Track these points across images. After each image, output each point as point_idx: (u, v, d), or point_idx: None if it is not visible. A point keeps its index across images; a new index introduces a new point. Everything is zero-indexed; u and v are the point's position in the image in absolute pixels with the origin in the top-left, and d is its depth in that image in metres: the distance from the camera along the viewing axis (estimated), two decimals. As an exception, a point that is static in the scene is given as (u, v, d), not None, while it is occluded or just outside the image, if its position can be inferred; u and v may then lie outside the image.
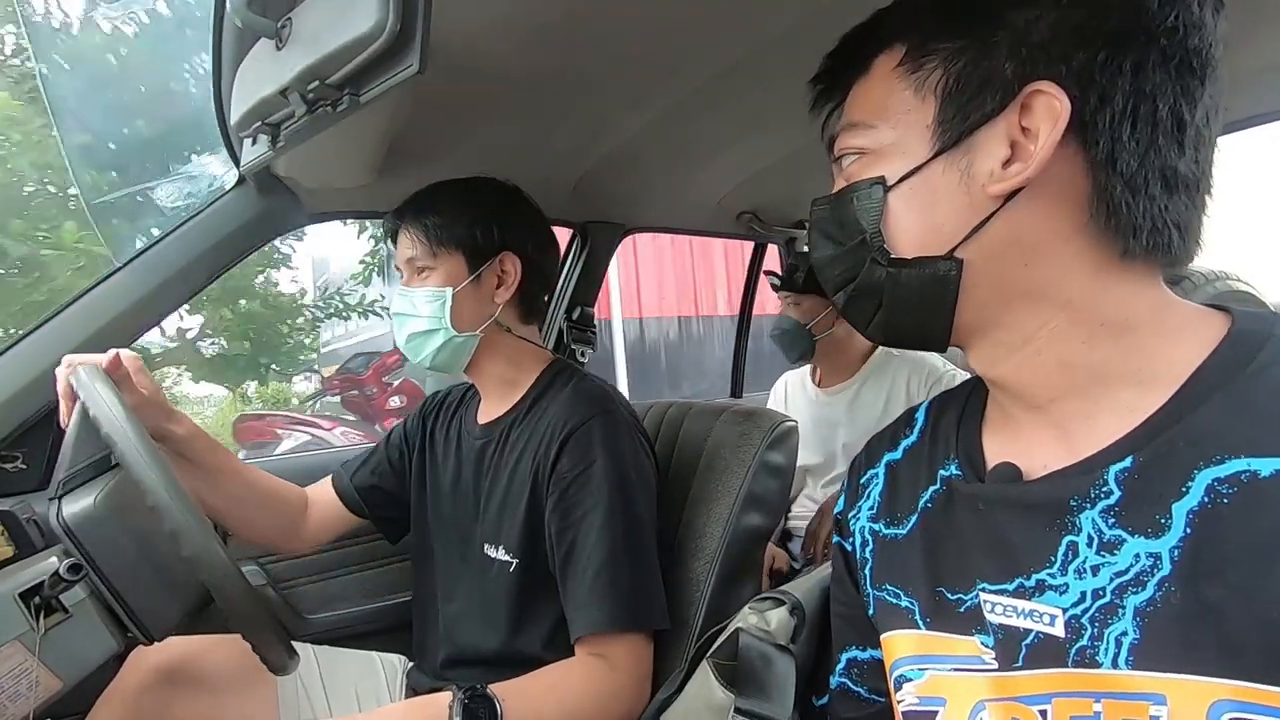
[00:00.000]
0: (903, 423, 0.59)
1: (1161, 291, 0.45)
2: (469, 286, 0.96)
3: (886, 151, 0.46)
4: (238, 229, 1.13)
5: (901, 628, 0.52)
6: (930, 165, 0.44)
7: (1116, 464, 0.42)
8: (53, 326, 1.07)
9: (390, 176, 1.14)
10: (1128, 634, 0.39)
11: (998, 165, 0.42)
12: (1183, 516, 0.39)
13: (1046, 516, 0.44)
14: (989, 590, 0.46)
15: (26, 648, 0.75)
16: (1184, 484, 0.39)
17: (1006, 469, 0.47)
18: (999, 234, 0.43)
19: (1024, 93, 0.41)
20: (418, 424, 1.14)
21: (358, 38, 0.55)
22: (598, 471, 0.88)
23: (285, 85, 0.62)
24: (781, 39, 0.87)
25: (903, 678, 0.51)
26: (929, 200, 0.45)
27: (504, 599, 0.95)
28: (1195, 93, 0.40)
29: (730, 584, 1.01)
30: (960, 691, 0.47)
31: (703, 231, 1.94)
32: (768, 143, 1.32)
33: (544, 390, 1.00)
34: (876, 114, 0.47)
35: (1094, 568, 0.41)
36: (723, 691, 0.65)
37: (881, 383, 1.69)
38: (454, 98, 0.94)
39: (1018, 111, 0.42)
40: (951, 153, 0.43)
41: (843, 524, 0.61)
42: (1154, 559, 0.39)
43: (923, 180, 0.45)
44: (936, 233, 0.44)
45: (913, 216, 0.45)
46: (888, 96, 0.46)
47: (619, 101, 1.05)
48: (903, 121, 0.45)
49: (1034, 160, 0.41)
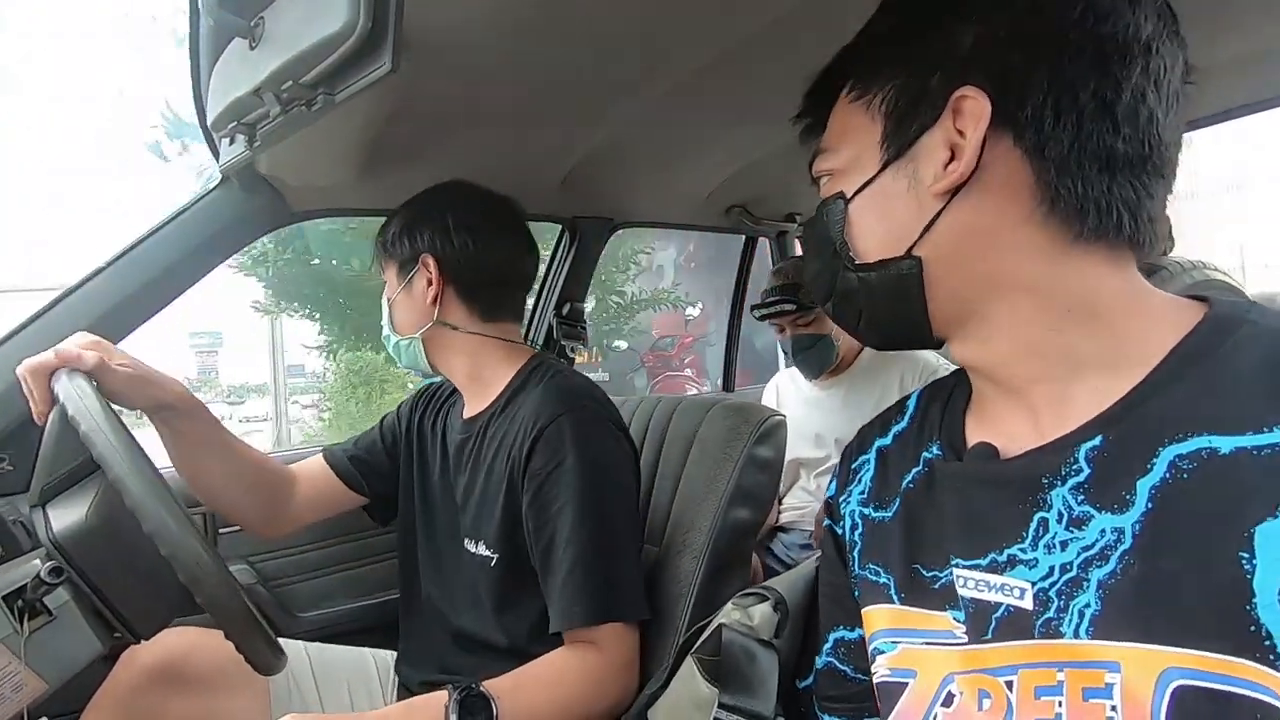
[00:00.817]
0: (895, 410, 0.61)
1: (1133, 278, 0.46)
2: (403, 294, 1.02)
3: (848, 170, 0.51)
4: (222, 228, 1.13)
5: (879, 602, 0.54)
6: (881, 176, 0.49)
7: (1087, 442, 0.43)
8: (36, 328, 1.06)
9: (374, 174, 1.13)
10: (1090, 605, 0.41)
11: (940, 167, 0.46)
12: (1145, 492, 0.40)
13: (1019, 493, 0.45)
14: (962, 566, 0.47)
15: (10, 650, 0.75)
16: (1149, 461, 0.41)
17: (984, 448, 0.49)
18: (950, 229, 0.46)
19: (952, 100, 0.45)
20: (409, 413, 1.14)
21: (329, 36, 0.55)
22: (569, 467, 0.89)
23: (259, 85, 0.62)
24: (768, 31, 0.87)
25: (877, 650, 0.53)
26: (884, 207, 0.49)
27: (487, 593, 0.96)
28: (1118, 74, 0.43)
29: (719, 578, 1.01)
30: (931, 664, 0.49)
31: (692, 226, 1.94)
32: (756, 136, 1.32)
33: (520, 386, 1.00)
34: (837, 139, 0.52)
35: (1063, 543, 0.43)
36: (707, 686, 0.65)
37: (875, 377, 1.70)
38: (435, 95, 0.93)
39: (950, 117, 0.45)
40: (898, 162, 0.48)
41: (834, 507, 0.62)
42: (1118, 533, 0.41)
43: (877, 190, 0.49)
44: (893, 236, 0.48)
45: (870, 223, 0.50)
46: (846, 122, 0.52)
47: (604, 96, 1.04)
48: (858, 142, 0.50)
49: (965, 158, 0.45)
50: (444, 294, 1.01)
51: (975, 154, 0.44)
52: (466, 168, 1.06)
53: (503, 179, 1.08)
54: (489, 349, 1.03)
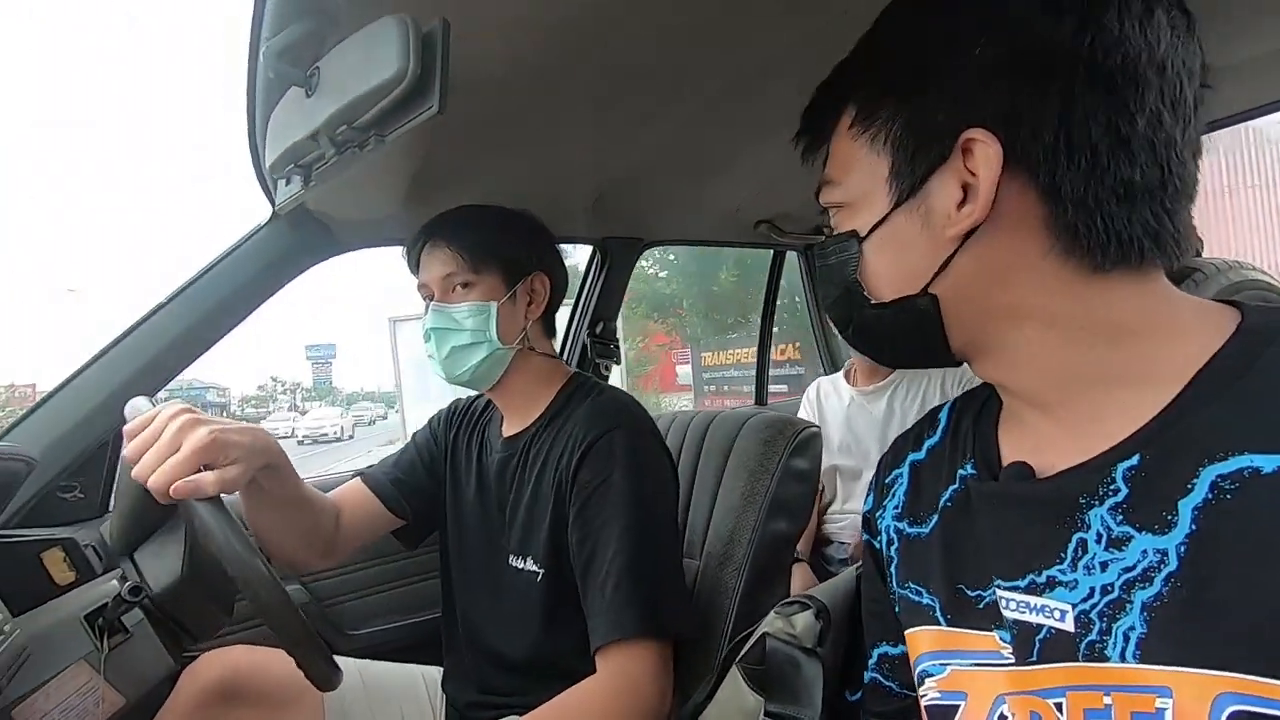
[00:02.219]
0: (926, 423, 0.61)
1: (1160, 292, 0.45)
2: (507, 303, 1.00)
3: (857, 205, 0.50)
4: (272, 262, 1.18)
5: (923, 624, 0.53)
6: (893, 216, 0.47)
7: (1124, 462, 0.42)
8: (103, 363, 1.13)
9: (415, 205, 1.18)
10: (1135, 628, 0.40)
11: (953, 208, 0.45)
12: (1189, 513, 0.39)
13: (1056, 514, 0.45)
14: (1004, 587, 0.47)
15: (92, 666, 0.79)
16: (1189, 481, 0.40)
17: (1019, 468, 0.48)
18: (966, 268, 0.46)
19: (961, 139, 0.44)
20: (443, 430, 1.16)
21: (381, 83, 0.59)
22: (616, 482, 0.90)
23: (315, 130, 0.66)
24: (793, 48, 0.88)
25: (925, 673, 0.52)
26: (897, 247, 0.48)
27: (533, 609, 0.97)
28: (1131, 104, 0.41)
29: (760, 588, 1.02)
30: (981, 686, 0.48)
31: (721, 242, 1.96)
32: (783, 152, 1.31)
33: (564, 404, 1.02)
34: (842, 171, 0.51)
35: (1103, 564, 0.42)
36: (753, 695, 0.66)
37: (918, 382, 1.69)
38: (472, 127, 0.97)
39: (960, 157, 0.44)
40: (909, 202, 0.47)
41: (871, 522, 0.62)
42: (1161, 555, 0.40)
43: (889, 230, 0.48)
44: (908, 275, 0.48)
45: (885, 263, 0.49)
46: (850, 154, 0.50)
47: (632, 119, 1.07)
48: (865, 177, 0.49)
49: (979, 202, 0.44)
50: (540, 313, 1.05)
51: (990, 198, 0.43)
52: (501, 193, 1.10)
53: (535, 202, 1.11)
54: (541, 367, 1.06)
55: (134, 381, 1.11)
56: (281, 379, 50.43)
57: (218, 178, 34.40)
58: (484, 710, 1.00)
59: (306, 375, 45.79)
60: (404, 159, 1.01)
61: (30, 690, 0.77)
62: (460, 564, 1.09)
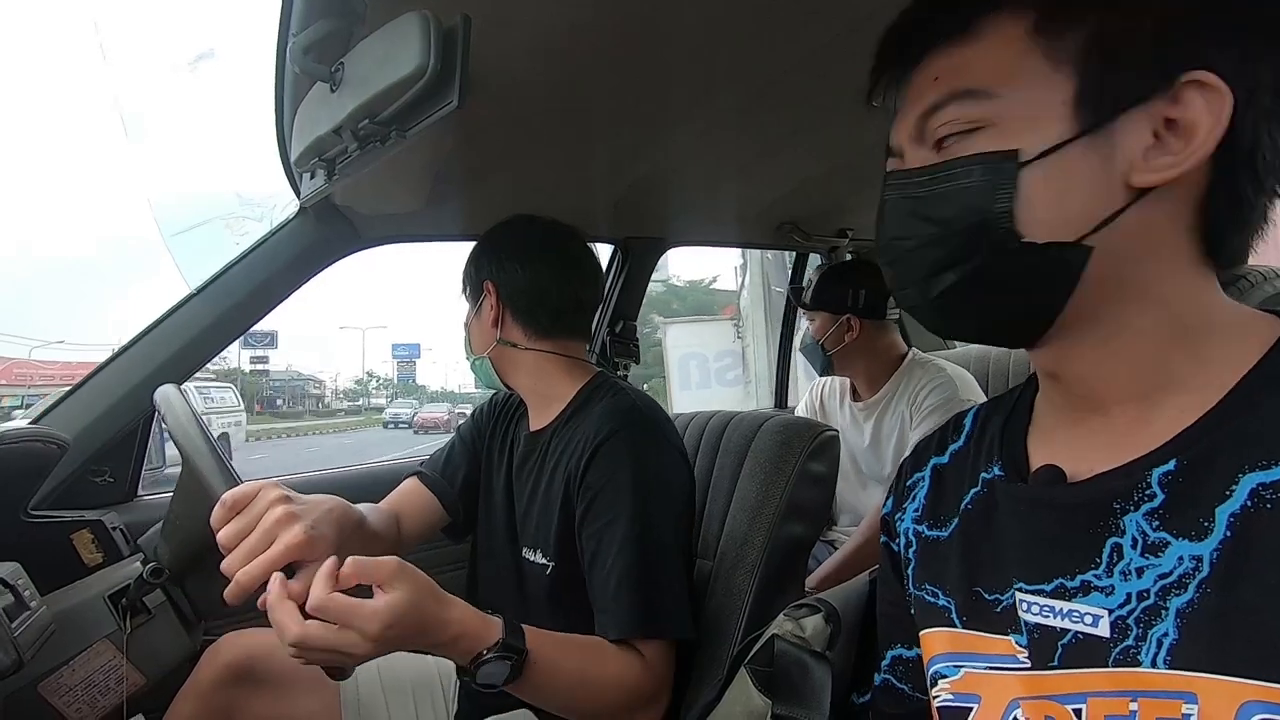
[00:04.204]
0: (951, 428, 0.60)
1: (1215, 295, 0.44)
2: (474, 319, 1.12)
3: (1013, 125, 0.41)
4: (299, 255, 1.21)
5: (938, 625, 0.53)
6: (1071, 145, 0.40)
7: (1160, 467, 0.41)
8: (136, 350, 1.16)
9: (439, 203, 1.20)
10: (1169, 635, 0.39)
11: (1139, 155, 0.40)
12: (1224, 519, 0.38)
13: (1089, 518, 0.44)
14: (1026, 590, 0.46)
15: (115, 645, 0.82)
16: (1227, 487, 0.39)
17: (1050, 471, 0.47)
18: (1130, 226, 0.40)
19: (1180, 80, 0.38)
20: (485, 422, 1.19)
21: (403, 78, 0.60)
22: (623, 482, 0.91)
23: (339, 124, 0.68)
24: (820, 52, 0.88)
25: (938, 674, 0.52)
26: (1064, 183, 0.41)
27: (542, 600, 0.99)
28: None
29: (772, 591, 1.01)
30: (994, 689, 0.47)
31: (744, 243, 1.95)
32: (808, 154, 1.33)
33: (583, 404, 1.04)
34: (1002, 81, 0.42)
35: (1139, 569, 0.41)
36: (760, 697, 0.66)
37: (909, 389, 1.61)
38: (495, 126, 0.98)
39: (1169, 99, 0.39)
40: (1094, 135, 0.40)
41: (889, 524, 0.62)
42: (1196, 561, 0.39)
43: (1062, 160, 0.40)
44: (1069, 218, 0.41)
45: (1048, 199, 0.41)
46: (1016, 63, 0.41)
47: (657, 123, 1.07)
48: (1035, 93, 0.41)
49: (1192, 156, 0.38)
50: (504, 316, 1.08)
51: (1207, 154, 0.38)
52: (523, 194, 1.11)
53: (557, 203, 1.12)
54: (551, 365, 1.08)
55: (163, 370, 1.14)
56: (377, 374, 53.09)
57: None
58: (497, 699, 1.01)
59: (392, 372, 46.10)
60: (427, 157, 1.02)
61: (56, 665, 0.79)
62: (486, 555, 1.11)
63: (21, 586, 0.74)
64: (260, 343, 34.60)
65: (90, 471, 1.15)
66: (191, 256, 1.32)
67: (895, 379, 1.64)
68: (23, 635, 0.69)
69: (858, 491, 1.72)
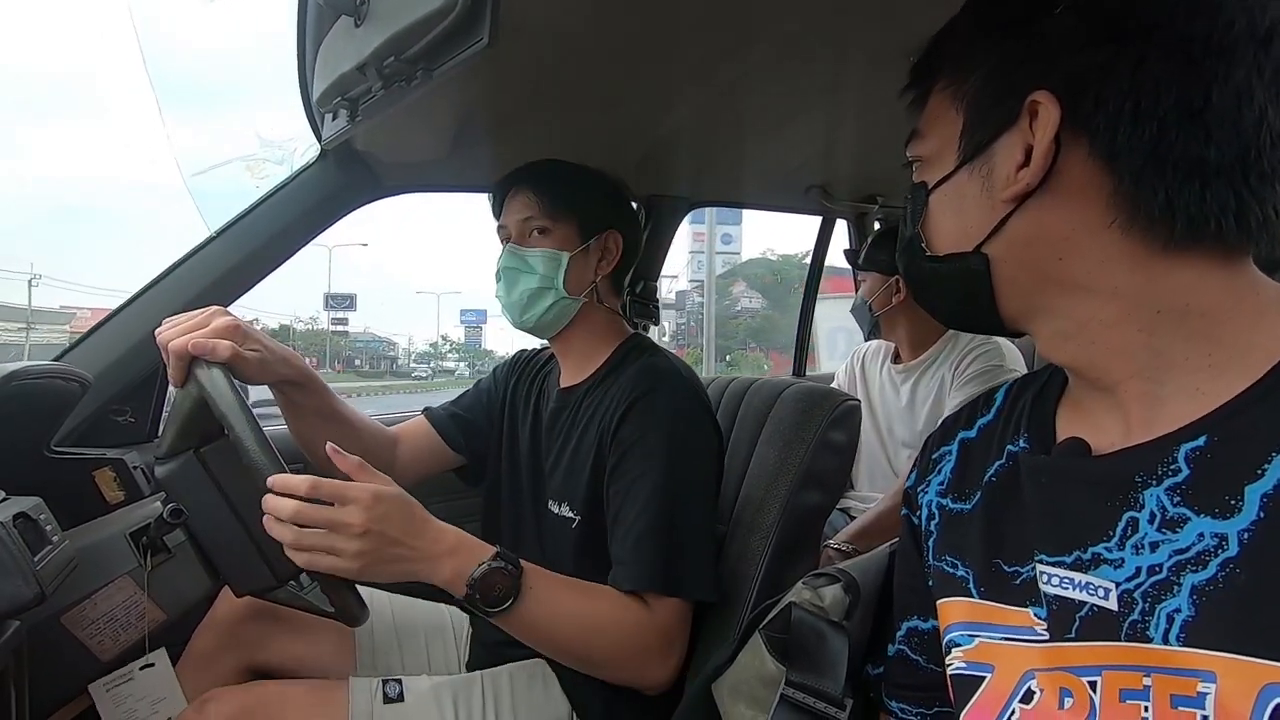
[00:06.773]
0: (981, 403, 0.60)
1: (1243, 275, 0.43)
2: (579, 254, 1.03)
3: (932, 160, 0.52)
4: (319, 201, 1.19)
5: (955, 595, 0.53)
6: (958, 174, 0.49)
7: (1189, 443, 0.41)
8: (155, 292, 1.16)
9: (462, 152, 1.17)
10: (1181, 610, 0.40)
11: (1013, 171, 0.45)
12: (1256, 499, 0.38)
13: (1109, 491, 0.44)
14: (1047, 562, 0.46)
15: (136, 582, 0.83)
16: (1260, 466, 0.38)
17: (1075, 444, 0.47)
18: (1021, 232, 0.46)
19: (1027, 102, 0.44)
20: (505, 377, 1.19)
21: (431, 13, 0.57)
22: (654, 440, 0.91)
23: (363, 61, 0.65)
24: (852, 6, 0.85)
25: (953, 643, 0.52)
26: (958, 204, 0.49)
27: (566, 553, 0.99)
28: (1211, 76, 0.40)
29: (786, 558, 1.00)
30: (1010, 659, 0.48)
31: (769, 206, 1.91)
32: (837, 117, 1.28)
33: (619, 363, 1.04)
34: (928, 126, 0.52)
35: (1153, 544, 0.42)
36: (774, 664, 0.66)
37: (954, 353, 1.61)
38: (523, 75, 0.95)
39: (1027, 119, 0.44)
40: (974, 162, 0.48)
41: (911, 497, 0.62)
42: (1219, 539, 0.39)
43: (953, 186, 0.49)
44: (964, 233, 0.49)
45: (945, 218, 0.50)
46: (936, 110, 0.51)
47: (685, 74, 1.04)
48: (942, 133, 0.50)
49: (1033, 166, 0.44)
50: (615, 268, 1.06)
51: (1044, 162, 0.44)
52: (547, 147, 1.08)
53: (583, 156, 1.09)
54: (603, 323, 1.07)
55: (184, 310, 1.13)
56: (451, 338, 54.63)
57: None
58: (509, 648, 1.02)
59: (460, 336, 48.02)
60: (451, 105, 0.99)
61: (79, 599, 0.81)
62: (507, 508, 1.12)
63: (44, 521, 0.75)
64: (340, 305, 35.01)
65: (112, 410, 1.16)
66: (211, 200, 1.30)
67: (941, 343, 1.64)
68: (45, 569, 0.70)
69: (890, 454, 1.72)
